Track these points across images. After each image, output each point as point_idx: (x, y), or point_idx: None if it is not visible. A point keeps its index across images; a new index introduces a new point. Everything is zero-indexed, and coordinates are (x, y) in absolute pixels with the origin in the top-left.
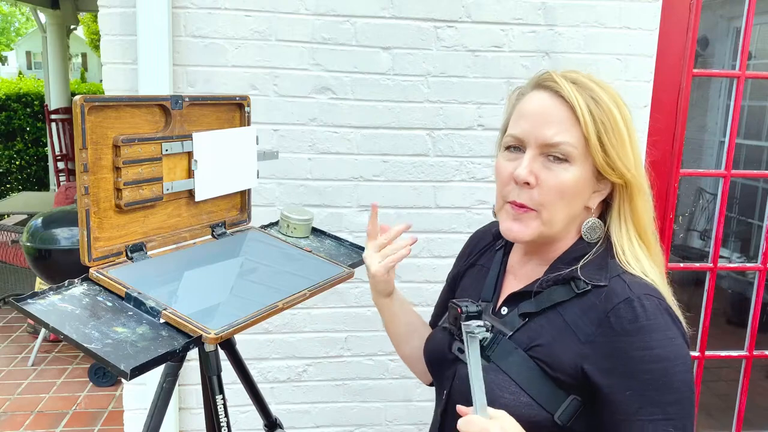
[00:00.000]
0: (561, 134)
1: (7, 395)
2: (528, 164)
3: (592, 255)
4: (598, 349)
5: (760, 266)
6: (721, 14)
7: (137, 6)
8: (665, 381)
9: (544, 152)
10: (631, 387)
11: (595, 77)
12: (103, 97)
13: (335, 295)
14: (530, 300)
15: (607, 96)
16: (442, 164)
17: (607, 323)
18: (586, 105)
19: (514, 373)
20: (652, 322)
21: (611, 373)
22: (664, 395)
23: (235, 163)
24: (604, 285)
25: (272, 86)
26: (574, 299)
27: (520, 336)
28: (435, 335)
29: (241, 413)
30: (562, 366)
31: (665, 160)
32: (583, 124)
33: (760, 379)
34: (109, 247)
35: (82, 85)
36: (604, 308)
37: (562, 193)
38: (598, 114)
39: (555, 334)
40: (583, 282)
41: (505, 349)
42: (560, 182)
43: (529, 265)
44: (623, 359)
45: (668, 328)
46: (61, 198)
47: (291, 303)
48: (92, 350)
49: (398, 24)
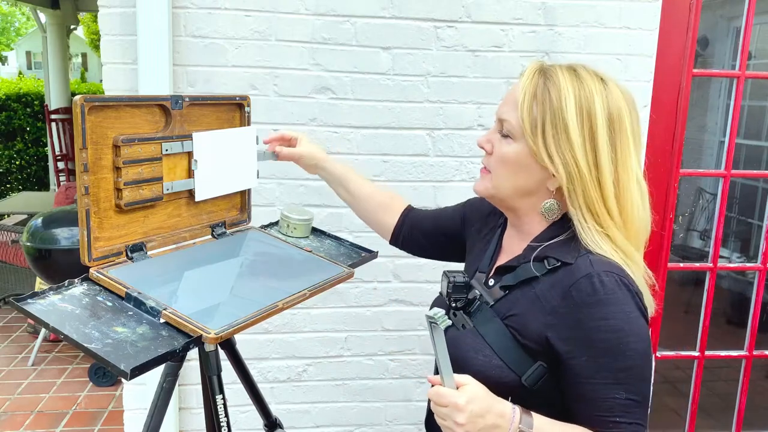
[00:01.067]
0: (507, 113)
1: (7, 395)
2: (489, 134)
3: (564, 236)
4: (560, 320)
5: (760, 266)
6: (721, 14)
7: (137, 6)
8: (619, 349)
9: (500, 124)
10: (587, 353)
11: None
12: (103, 97)
13: (335, 295)
14: (511, 274)
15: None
16: (442, 164)
17: (569, 296)
18: (533, 92)
19: (490, 339)
20: (610, 296)
21: (571, 340)
22: (617, 362)
23: (235, 163)
24: (570, 263)
25: (272, 86)
26: (546, 275)
27: (500, 306)
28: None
29: (241, 413)
30: (531, 334)
31: (665, 160)
32: (519, 109)
33: (760, 379)
34: (109, 247)
35: (82, 85)
36: (568, 283)
37: (503, 163)
38: (543, 101)
39: (527, 305)
40: (553, 259)
41: (486, 317)
42: (502, 154)
43: (514, 242)
44: (582, 329)
45: (626, 302)
46: (61, 198)
47: (291, 303)
48: (92, 350)
49: (398, 24)
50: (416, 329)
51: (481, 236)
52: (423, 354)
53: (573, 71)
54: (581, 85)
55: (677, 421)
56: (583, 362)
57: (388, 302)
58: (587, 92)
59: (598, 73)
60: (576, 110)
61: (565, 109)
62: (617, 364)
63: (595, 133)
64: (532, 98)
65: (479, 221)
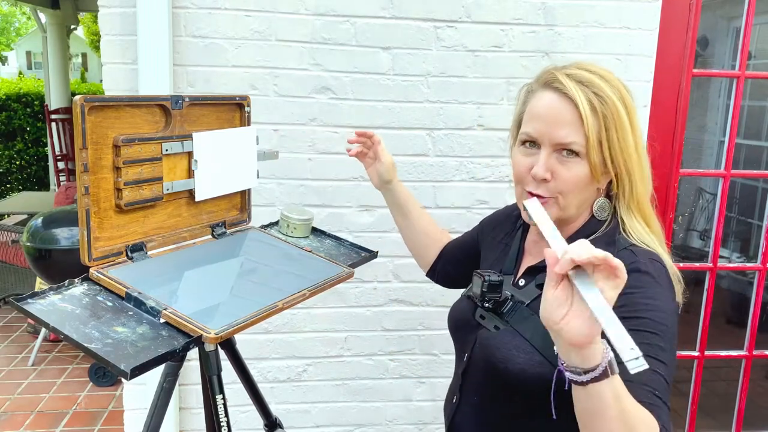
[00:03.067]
0: (572, 135)
1: (7, 395)
2: (544, 162)
3: (602, 232)
4: None
5: (760, 266)
6: (721, 14)
7: (137, 6)
8: (661, 328)
9: (557, 149)
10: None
11: (597, 68)
12: (103, 97)
13: (335, 295)
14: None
15: (611, 88)
16: (442, 164)
17: None
18: (589, 104)
19: (529, 335)
20: (657, 280)
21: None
22: (657, 339)
23: (235, 163)
24: None
25: (272, 86)
26: None
27: (537, 304)
28: (460, 303)
29: (241, 413)
30: None
31: (665, 160)
32: (585, 125)
33: (760, 379)
34: (110, 246)
35: (82, 85)
36: None
37: (576, 184)
38: (601, 111)
39: None
40: None
41: (523, 315)
42: (574, 175)
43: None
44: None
45: (668, 288)
46: (61, 198)
47: (291, 303)
48: (92, 350)
49: (398, 24)
50: (416, 329)
51: (496, 242)
52: (423, 354)
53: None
54: (609, 83)
55: (677, 421)
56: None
57: (388, 302)
58: (619, 88)
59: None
60: (623, 109)
61: (620, 112)
62: (658, 342)
63: (635, 126)
64: (592, 111)
65: (493, 230)
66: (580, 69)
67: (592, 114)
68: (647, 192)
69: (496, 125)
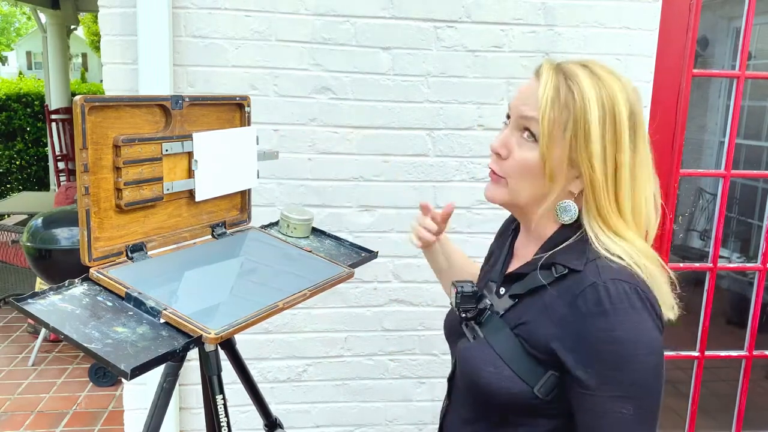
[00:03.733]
0: (530, 110)
1: (7, 395)
2: (503, 137)
3: (573, 241)
4: (567, 330)
5: (760, 266)
6: (721, 14)
7: (137, 6)
8: (626, 362)
9: (521, 125)
10: (591, 365)
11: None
12: (103, 97)
13: (335, 295)
14: (520, 282)
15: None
16: (442, 164)
17: (575, 306)
18: (554, 90)
19: (499, 349)
20: (617, 306)
21: (577, 352)
22: (624, 375)
23: (236, 163)
24: (579, 270)
25: (272, 86)
26: (554, 282)
27: (510, 315)
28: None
29: (241, 413)
30: (538, 344)
31: (665, 160)
32: (541, 110)
33: (760, 379)
34: (110, 247)
35: (83, 85)
36: (575, 291)
37: (523, 169)
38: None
39: (535, 314)
40: (561, 266)
41: (496, 327)
42: (523, 159)
43: (528, 247)
44: (588, 340)
45: (635, 312)
46: (61, 198)
47: (291, 303)
48: (92, 350)
49: (398, 24)
50: (416, 329)
51: (498, 244)
52: (423, 354)
53: (588, 69)
54: (602, 84)
55: (677, 421)
56: (589, 374)
57: (388, 302)
58: (610, 92)
59: (611, 70)
60: (599, 114)
61: (589, 114)
62: (624, 377)
63: (619, 137)
64: (555, 99)
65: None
66: (579, 63)
67: (554, 101)
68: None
69: (496, 125)
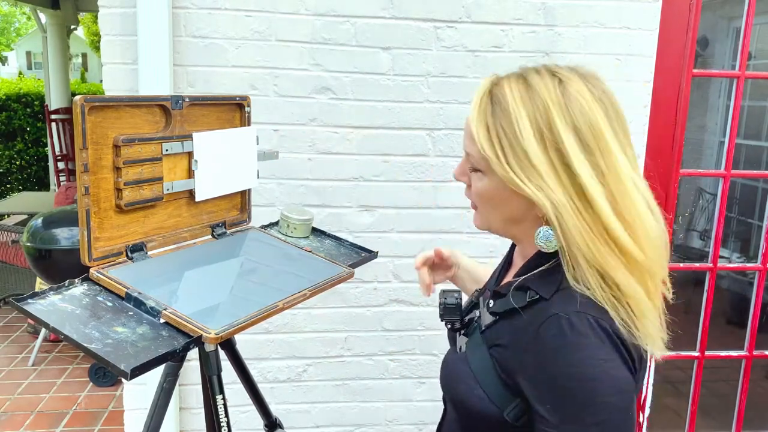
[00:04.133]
0: (469, 146)
1: (7, 395)
2: (461, 166)
3: (547, 266)
4: (529, 359)
5: (760, 266)
6: (721, 14)
7: (137, 6)
8: (589, 401)
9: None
10: (551, 401)
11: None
12: (103, 97)
13: (335, 295)
14: (502, 299)
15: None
16: (442, 164)
17: (537, 336)
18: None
19: (474, 366)
20: (580, 341)
21: (537, 384)
22: (586, 414)
23: (236, 163)
24: (547, 298)
25: (272, 86)
26: (527, 307)
27: (490, 333)
28: None
29: (241, 413)
30: (507, 369)
31: (665, 160)
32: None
33: (760, 379)
34: (110, 247)
35: (83, 85)
36: (540, 320)
37: (481, 198)
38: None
39: (509, 337)
40: (533, 291)
41: (476, 342)
42: (477, 189)
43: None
44: (547, 374)
45: (599, 348)
46: (61, 198)
47: (291, 303)
48: (92, 350)
49: (398, 24)
50: (416, 329)
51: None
52: (423, 354)
53: (523, 81)
54: (532, 98)
55: (677, 421)
56: (549, 409)
57: (388, 302)
58: (541, 106)
59: (556, 73)
60: (533, 132)
61: (521, 135)
62: (587, 416)
63: (563, 152)
64: (486, 129)
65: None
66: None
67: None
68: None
69: None
